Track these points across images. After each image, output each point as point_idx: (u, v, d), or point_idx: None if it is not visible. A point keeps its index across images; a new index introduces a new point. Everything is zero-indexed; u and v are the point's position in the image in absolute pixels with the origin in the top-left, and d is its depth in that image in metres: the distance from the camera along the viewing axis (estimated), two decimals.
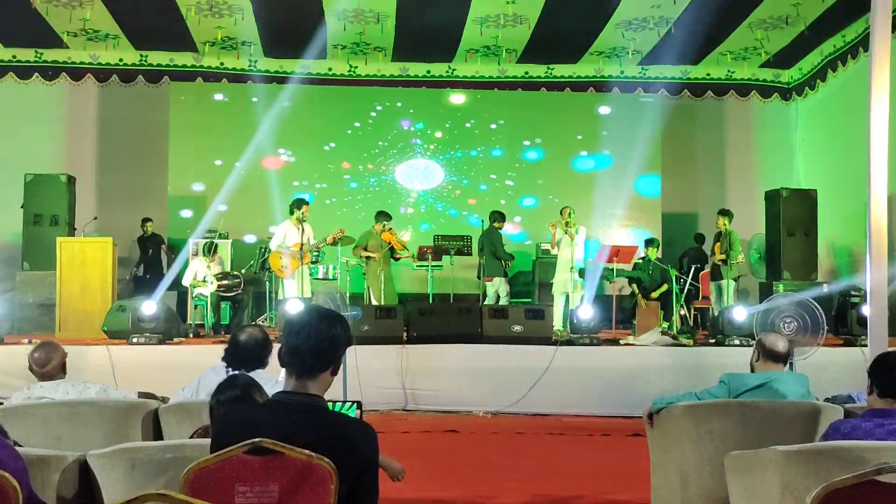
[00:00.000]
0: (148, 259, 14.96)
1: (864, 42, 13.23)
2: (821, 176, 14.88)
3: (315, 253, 12.37)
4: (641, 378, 9.67)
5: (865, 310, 8.46)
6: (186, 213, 15.34)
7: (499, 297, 13.10)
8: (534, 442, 8.48)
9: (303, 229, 11.82)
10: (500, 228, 13.37)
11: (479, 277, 13.40)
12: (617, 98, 16.11)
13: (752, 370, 5.07)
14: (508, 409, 9.70)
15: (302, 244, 11.74)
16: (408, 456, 4.60)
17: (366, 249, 12.65)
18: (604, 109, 15.98)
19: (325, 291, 8.02)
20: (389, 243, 12.64)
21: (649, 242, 13.18)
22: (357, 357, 8.58)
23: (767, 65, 16.00)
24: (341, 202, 15.62)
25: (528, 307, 10.92)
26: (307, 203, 12.18)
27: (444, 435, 8.65)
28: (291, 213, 12.02)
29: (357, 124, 15.96)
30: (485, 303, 12.78)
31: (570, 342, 10.48)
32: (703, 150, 16.66)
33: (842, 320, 11.10)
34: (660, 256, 13.33)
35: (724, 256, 12.50)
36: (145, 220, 14.86)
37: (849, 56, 14.36)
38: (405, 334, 10.31)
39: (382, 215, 12.92)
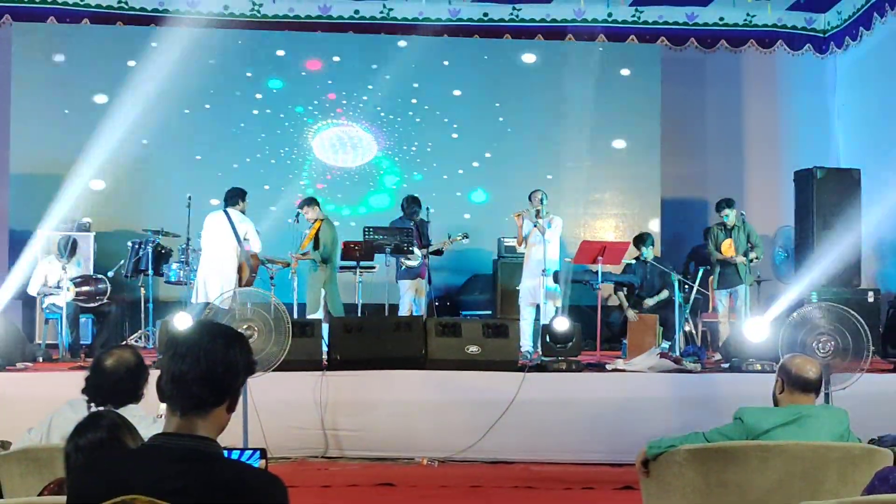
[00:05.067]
0: None
1: None
2: (866, 152, 15.04)
3: None
4: (634, 413, 9.75)
5: None
6: (35, 197, 15.06)
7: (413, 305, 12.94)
8: (495, 498, 8.49)
9: None
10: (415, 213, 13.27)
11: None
12: (604, 49, 16.19)
13: (776, 403, 5.14)
14: (461, 455, 9.71)
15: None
16: None
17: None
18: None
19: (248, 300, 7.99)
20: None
21: (640, 239, 13.29)
22: (261, 388, 8.51)
23: (797, 7, 16.16)
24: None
25: (488, 322, 10.95)
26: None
27: (376, 490, 8.63)
28: (236, 203, 12.11)
29: (272, 87, 15.78)
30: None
31: (541, 367, 10.54)
32: (715, 119, 16.78)
33: (892, 339, 11.27)
34: (658, 256, 13.40)
35: (739, 256, 12.54)
36: None
37: None
38: (325, 358, 10.30)
39: (312, 201, 12.87)
